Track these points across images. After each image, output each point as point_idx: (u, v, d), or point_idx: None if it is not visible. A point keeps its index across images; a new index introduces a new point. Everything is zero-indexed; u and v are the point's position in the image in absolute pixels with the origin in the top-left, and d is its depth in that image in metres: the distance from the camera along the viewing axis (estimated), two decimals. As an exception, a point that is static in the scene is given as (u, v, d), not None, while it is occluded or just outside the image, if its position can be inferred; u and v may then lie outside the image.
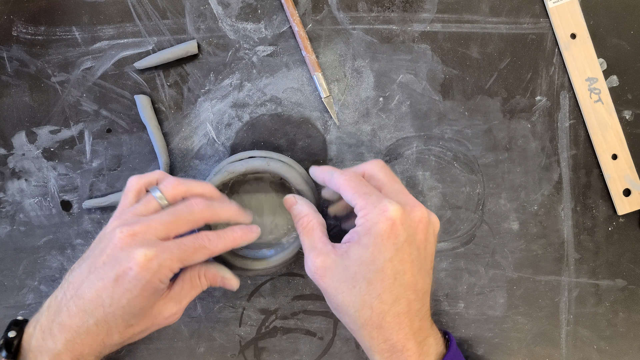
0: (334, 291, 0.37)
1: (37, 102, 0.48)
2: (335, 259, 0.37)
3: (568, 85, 0.49)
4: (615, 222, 0.49)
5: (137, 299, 0.37)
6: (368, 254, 0.36)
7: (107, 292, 0.37)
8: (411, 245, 0.36)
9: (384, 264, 0.35)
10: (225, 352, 0.50)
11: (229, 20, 0.48)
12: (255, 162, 0.44)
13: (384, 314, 0.36)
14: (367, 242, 0.36)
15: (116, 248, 0.37)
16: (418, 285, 0.37)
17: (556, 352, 0.50)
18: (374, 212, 0.36)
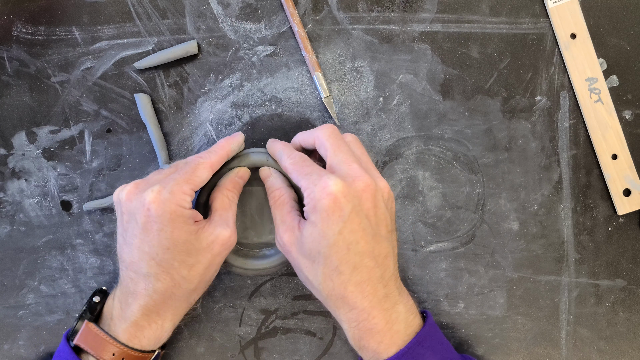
0: (298, 265, 0.40)
1: (37, 102, 0.48)
2: (298, 235, 0.39)
3: (568, 85, 0.49)
4: (615, 222, 0.49)
5: (174, 233, 0.38)
6: (318, 230, 0.37)
7: (146, 244, 0.38)
8: (359, 215, 0.37)
9: (335, 238, 0.36)
10: (225, 352, 0.50)
11: (229, 20, 0.48)
12: (254, 156, 0.44)
13: (345, 284, 0.37)
14: (315, 219, 0.37)
15: (128, 204, 0.39)
16: (375, 252, 0.38)
17: (556, 352, 0.50)
18: (316, 190, 0.37)
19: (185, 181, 0.39)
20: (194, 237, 0.39)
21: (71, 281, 0.49)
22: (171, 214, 0.38)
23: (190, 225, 0.39)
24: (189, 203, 0.39)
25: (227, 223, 0.41)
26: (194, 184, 0.39)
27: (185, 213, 0.39)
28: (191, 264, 0.39)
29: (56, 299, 0.50)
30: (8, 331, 0.50)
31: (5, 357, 0.50)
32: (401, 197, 0.49)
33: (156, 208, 0.37)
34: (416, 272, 0.49)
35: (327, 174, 0.37)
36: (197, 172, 0.40)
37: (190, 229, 0.39)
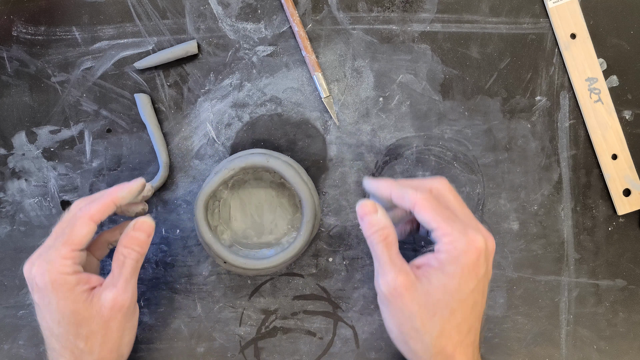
0: (411, 314, 0.36)
1: (37, 102, 0.48)
2: (416, 281, 0.36)
3: (568, 85, 0.49)
4: (615, 222, 0.49)
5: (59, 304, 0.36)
6: (454, 283, 0.35)
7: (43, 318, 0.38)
8: (486, 277, 0.37)
9: (467, 295, 0.35)
10: (225, 352, 0.50)
11: (229, 20, 0.48)
12: (254, 157, 0.44)
13: (458, 345, 0.36)
14: (453, 271, 0.35)
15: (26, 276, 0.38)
16: (482, 315, 0.38)
17: (556, 352, 0.50)
18: (462, 241, 0.35)
19: (63, 244, 0.37)
20: (82, 306, 0.37)
21: (71, 281, 0.49)
22: (52, 283, 0.36)
23: (77, 293, 0.37)
24: (72, 267, 0.37)
25: (115, 284, 0.37)
26: (74, 244, 0.37)
27: (69, 280, 0.36)
28: (85, 335, 0.37)
29: (56, 299, 0.49)
30: (8, 331, 0.50)
31: (5, 357, 0.50)
32: (401, 197, 0.49)
33: (39, 280, 0.36)
34: (416, 272, 0.49)
35: (473, 227, 0.36)
36: (74, 230, 0.37)
37: (77, 297, 0.36)
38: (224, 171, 0.44)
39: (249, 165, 0.44)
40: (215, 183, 0.43)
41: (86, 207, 0.38)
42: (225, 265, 0.45)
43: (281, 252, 0.45)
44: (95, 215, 0.38)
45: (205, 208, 0.44)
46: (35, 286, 0.37)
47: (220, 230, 0.47)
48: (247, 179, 0.47)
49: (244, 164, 0.44)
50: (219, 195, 0.47)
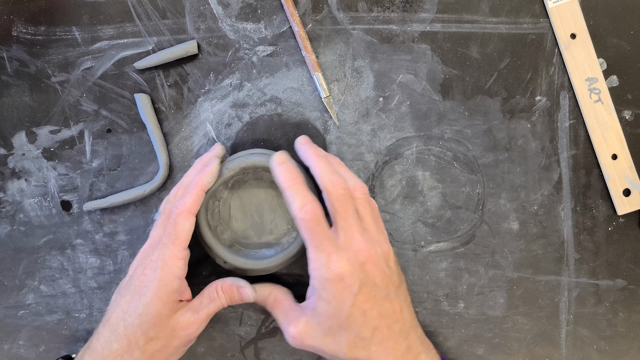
0: (320, 347, 0.40)
1: (37, 102, 0.48)
2: (308, 320, 0.40)
3: (568, 85, 0.49)
4: (615, 222, 0.49)
5: (152, 300, 0.38)
6: (332, 307, 0.38)
7: (126, 304, 0.39)
8: (367, 285, 0.38)
9: (350, 310, 0.38)
10: (225, 352, 0.50)
11: (229, 20, 0.48)
12: (254, 157, 0.44)
13: (368, 346, 0.39)
14: (326, 296, 0.38)
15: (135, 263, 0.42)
16: (389, 310, 0.39)
17: (556, 352, 0.50)
18: (323, 270, 0.38)
19: (172, 243, 0.39)
20: (166, 313, 0.39)
21: (71, 281, 0.49)
22: (160, 281, 0.38)
23: (171, 299, 0.39)
24: (183, 269, 0.39)
25: (199, 311, 0.40)
26: (182, 241, 0.39)
27: (173, 285, 0.39)
28: (150, 336, 0.39)
29: (56, 299, 0.50)
30: (8, 331, 0.50)
31: (5, 357, 0.50)
32: (401, 197, 0.49)
33: (150, 271, 0.39)
34: (416, 272, 0.49)
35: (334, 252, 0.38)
36: (178, 227, 0.39)
37: (168, 304, 0.39)
38: (224, 171, 0.44)
39: (249, 165, 0.44)
40: (215, 183, 0.43)
41: (181, 201, 0.40)
42: (225, 265, 0.45)
43: (281, 252, 0.45)
44: (193, 207, 0.40)
45: (205, 208, 0.44)
46: (142, 274, 0.39)
47: (220, 230, 0.47)
48: (247, 179, 0.47)
49: (244, 164, 0.44)
50: (219, 195, 0.47)
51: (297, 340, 0.40)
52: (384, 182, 0.49)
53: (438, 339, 0.50)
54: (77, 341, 0.50)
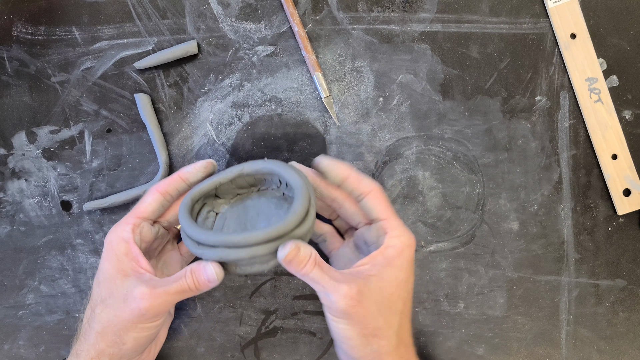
0: (372, 315, 0.36)
1: (37, 102, 0.48)
2: (364, 283, 0.36)
3: (568, 85, 0.49)
4: (615, 222, 0.49)
5: (104, 263, 0.39)
6: (403, 275, 0.38)
7: (99, 272, 0.40)
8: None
9: (411, 285, 0.39)
10: (225, 352, 0.50)
11: (229, 20, 0.48)
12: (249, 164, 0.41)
13: (408, 332, 0.39)
14: (400, 264, 0.37)
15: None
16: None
17: (556, 352, 0.50)
18: (407, 235, 0.38)
19: (130, 213, 0.40)
20: (116, 275, 0.38)
21: (71, 281, 0.49)
22: (108, 243, 0.39)
23: (118, 261, 0.38)
24: (129, 233, 0.38)
25: (156, 286, 0.37)
26: (139, 212, 0.39)
27: (119, 246, 0.38)
28: (103, 298, 0.38)
29: (56, 299, 0.50)
30: (8, 331, 0.50)
31: (5, 357, 0.50)
32: (401, 197, 0.49)
33: (105, 240, 0.39)
34: (416, 272, 0.49)
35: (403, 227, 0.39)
36: (144, 199, 0.40)
37: (116, 265, 0.38)
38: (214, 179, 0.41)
39: (239, 174, 0.41)
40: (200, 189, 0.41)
41: (156, 184, 0.41)
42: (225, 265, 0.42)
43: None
44: (161, 186, 0.40)
45: (189, 211, 0.40)
46: (105, 242, 0.39)
47: None
48: (250, 194, 0.44)
49: (237, 170, 0.41)
50: (217, 208, 0.44)
51: (353, 300, 0.35)
52: (384, 182, 0.49)
53: (438, 339, 0.50)
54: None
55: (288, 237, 0.35)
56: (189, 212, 0.39)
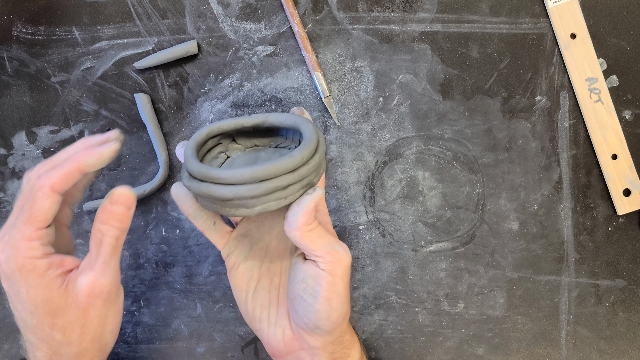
0: (348, 280, 0.38)
1: (37, 102, 0.48)
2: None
3: (568, 85, 0.49)
4: (615, 222, 0.49)
5: (29, 292, 0.32)
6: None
7: (15, 309, 0.34)
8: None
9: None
10: (225, 352, 0.50)
11: (229, 20, 0.48)
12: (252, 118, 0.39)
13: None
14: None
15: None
16: None
17: (556, 352, 0.50)
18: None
19: (26, 223, 0.32)
20: (57, 293, 0.32)
21: (71, 281, 0.49)
22: (20, 270, 0.31)
23: (49, 278, 0.32)
24: (40, 249, 0.32)
25: (93, 266, 0.33)
26: (37, 221, 0.32)
27: (38, 265, 0.32)
28: (62, 325, 0.33)
29: (56, 299, 0.49)
30: (8, 331, 0.50)
31: (5, 357, 0.50)
32: (401, 197, 0.49)
33: (5, 267, 0.32)
34: (416, 272, 0.49)
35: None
36: (35, 204, 0.32)
37: (50, 284, 0.32)
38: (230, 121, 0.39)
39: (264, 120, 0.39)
40: (220, 125, 0.39)
41: (46, 175, 0.32)
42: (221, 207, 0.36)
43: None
44: (58, 184, 0.32)
45: (198, 143, 0.38)
46: (3, 273, 0.32)
47: None
48: (267, 148, 0.42)
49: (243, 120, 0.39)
50: (230, 152, 0.42)
51: (350, 260, 0.37)
52: (384, 182, 0.49)
53: (438, 339, 0.50)
54: (77, 341, 0.50)
55: (277, 180, 0.33)
56: (196, 144, 0.37)
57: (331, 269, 0.36)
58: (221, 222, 0.43)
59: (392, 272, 0.49)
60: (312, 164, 0.35)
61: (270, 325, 0.40)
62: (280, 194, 0.34)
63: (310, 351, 0.38)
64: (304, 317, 0.37)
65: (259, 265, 0.42)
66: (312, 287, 0.36)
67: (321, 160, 0.36)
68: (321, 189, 0.35)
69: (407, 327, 0.50)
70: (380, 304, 0.50)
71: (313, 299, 0.36)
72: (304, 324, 0.37)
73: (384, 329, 0.50)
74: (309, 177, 0.35)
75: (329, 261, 0.36)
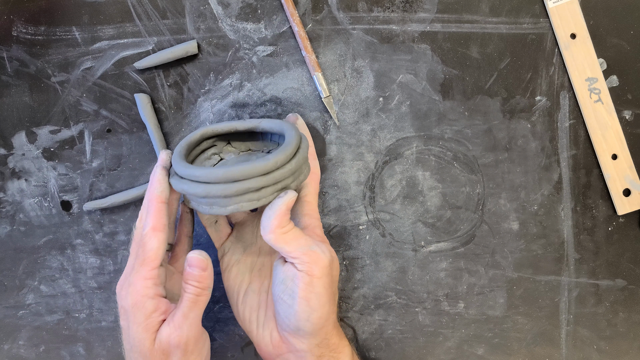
0: (335, 280, 0.40)
1: (37, 102, 0.48)
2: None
3: (568, 85, 0.49)
4: (615, 222, 0.49)
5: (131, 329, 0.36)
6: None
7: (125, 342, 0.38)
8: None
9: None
10: (225, 352, 0.50)
11: (229, 20, 0.48)
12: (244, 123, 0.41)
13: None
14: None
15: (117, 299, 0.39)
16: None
17: (556, 352, 0.50)
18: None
19: (141, 264, 0.37)
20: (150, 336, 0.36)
21: (71, 281, 0.49)
22: (133, 306, 0.36)
23: (151, 320, 0.36)
24: (153, 288, 0.36)
25: (172, 319, 0.36)
26: (150, 261, 0.36)
27: (147, 305, 0.36)
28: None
29: (56, 299, 0.50)
30: (8, 331, 0.50)
31: (5, 357, 0.50)
32: (401, 197, 0.49)
33: (125, 302, 0.37)
34: (416, 272, 0.49)
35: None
36: (146, 247, 0.37)
37: (149, 326, 0.36)
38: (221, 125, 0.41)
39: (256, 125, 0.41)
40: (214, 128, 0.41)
41: (145, 223, 0.38)
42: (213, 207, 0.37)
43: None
44: (157, 224, 0.37)
45: (189, 144, 0.40)
46: (122, 309, 0.37)
47: None
48: (260, 153, 0.44)
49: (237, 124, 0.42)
50: (224, 154, 0.44)
51: (333, 259, 0.39)
52: (384, 182, 0.49)
53: (438, 339, 0.50)
54: (77, 341, 0.50)
55: (249, 181, 0.35)
56: (188, 143, 0.40)
57: (308, 270, 0.37)
58: (224, 222, 0.44)
59: (392, 272, 0.49)
60: (288, 168, 0.36)
61: (259, 328, 0.40)
62: (253, 196, 0.35)
63: (297, 354, 0.39)
64: (285, 319, 0.38)
65: (251, 268, 0.43)
66: (291, 288, 0.37)
67: (299, 166, 0.37)
68: (293, 192, 0.36)
69: (407, 327, 0.50)
70: (380, 304, 0.50)
71: (292, 300, 0.37)
72: (287, 325, 0.38)
73: (384, 329, 0.50)
74: (284, 181, 0.37)
75: (305, 262, 0.37)
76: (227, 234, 0.45)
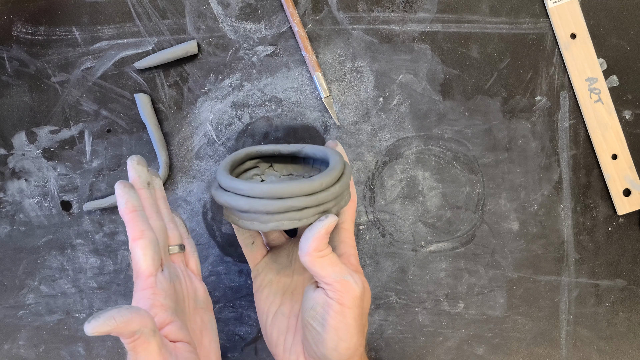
0: (365, 310, 0.39)
1: (37, 102, 0.48)
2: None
3: (568, 85, 0.49)
4: (615, 222, 0.49)
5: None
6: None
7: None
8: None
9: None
10: (225, 352, 0.50)
11: (229, 20, 0.48)
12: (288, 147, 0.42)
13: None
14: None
15: None
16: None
17: (556, 352, 0.50)
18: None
19: (136, 277, 0.34)
20: None
21: (71, 281, 0.49)
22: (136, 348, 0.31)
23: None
24: (152, 298, 0.34)
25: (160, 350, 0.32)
26: (141, 272, 0.34)
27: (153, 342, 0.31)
28: None
29: (56, 299, 0.50)
30: (8, 331, 0.50)
31: (5, 357, 0.50)
32: (401, 197, 0.49)
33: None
34: (416, 272, 0.49)
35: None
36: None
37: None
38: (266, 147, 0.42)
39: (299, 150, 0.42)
40: (258, 149, 0.41)
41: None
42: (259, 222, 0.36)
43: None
44: (135, 234, 0.35)
45: (234, 161, 0.40)
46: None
47: None
48: (302, 178, 0.44)
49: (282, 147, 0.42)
50: (265, 176, 0.44)
51: (365, 290, 0.38)
52: (384, 182, 0.49)
53: (438, 339, 0.50)
54: (77, 341, 0.50)
55: (293, 200, 0.34)
56: (233, 160, 0.40)
57: (339, 298, 0.36)
58: (260, 243, 0.45)
59: (392, 272, 0.50)
60: (332, 191, 0.36)
61: (285, 352, 0.40)
62: (295, 215, 0.35)
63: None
64: (312, 346, 0.38)
65: (283, 291, 0.43)
66: (321, 315, 0.37)
67: (342, 190, 0.37)
68: (334, 217, 0.36)
69: (407, 327, 0.50)
70: (380, 304, 0.50)
71: (321, 327, 0.37)
72: (314, 352, 0.38)
73: (384, 329, 0.50)
74: (327, 204, 0.37)
75: (337, 289, 0.36)
76: (262, 255, 0.45)
